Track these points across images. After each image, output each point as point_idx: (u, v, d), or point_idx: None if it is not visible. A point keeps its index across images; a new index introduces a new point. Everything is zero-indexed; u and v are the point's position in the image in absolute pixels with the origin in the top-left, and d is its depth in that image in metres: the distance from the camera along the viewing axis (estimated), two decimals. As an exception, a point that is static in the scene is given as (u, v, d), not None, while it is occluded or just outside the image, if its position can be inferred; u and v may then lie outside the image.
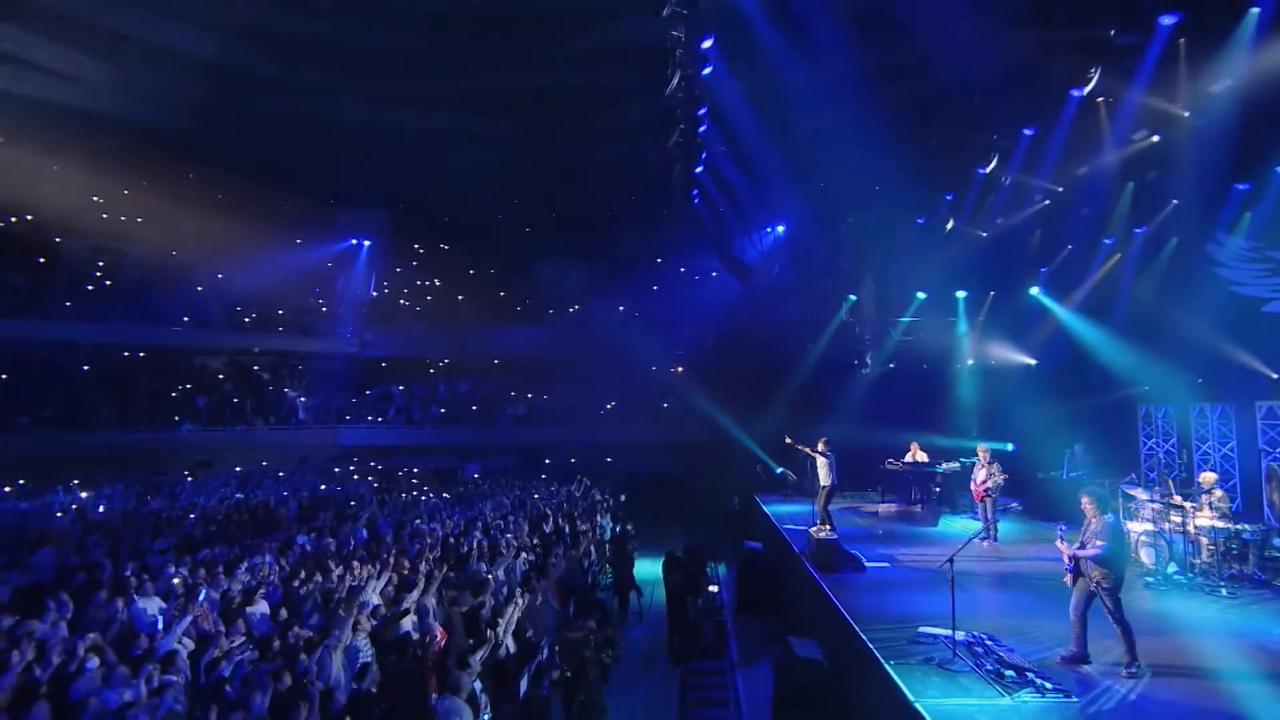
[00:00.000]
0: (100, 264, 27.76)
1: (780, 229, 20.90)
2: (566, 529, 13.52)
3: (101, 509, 15.81)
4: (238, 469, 23.35)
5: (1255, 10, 7.39)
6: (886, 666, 5.61)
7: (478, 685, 6.09)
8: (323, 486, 20.83)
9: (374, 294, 33.05)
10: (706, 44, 8.83)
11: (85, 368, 25.06)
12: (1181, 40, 8.13)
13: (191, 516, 14.63)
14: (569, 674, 6.78)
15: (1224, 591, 7.66)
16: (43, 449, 21.10)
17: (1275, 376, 11.62)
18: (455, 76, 25.13)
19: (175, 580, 8.88)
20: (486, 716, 6.15)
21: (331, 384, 28.61)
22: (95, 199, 26.62)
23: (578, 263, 33.92)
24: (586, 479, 20.34)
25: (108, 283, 27.09)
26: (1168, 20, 7.85)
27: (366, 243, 32.51)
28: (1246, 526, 8.33)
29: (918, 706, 4.93)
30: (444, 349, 31.24)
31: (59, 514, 14.89)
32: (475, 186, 29.53)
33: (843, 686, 6.28)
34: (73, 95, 22.88)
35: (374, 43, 24.02)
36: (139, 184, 26.82)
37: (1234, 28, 7.74)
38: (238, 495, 17.02)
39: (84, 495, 17.29)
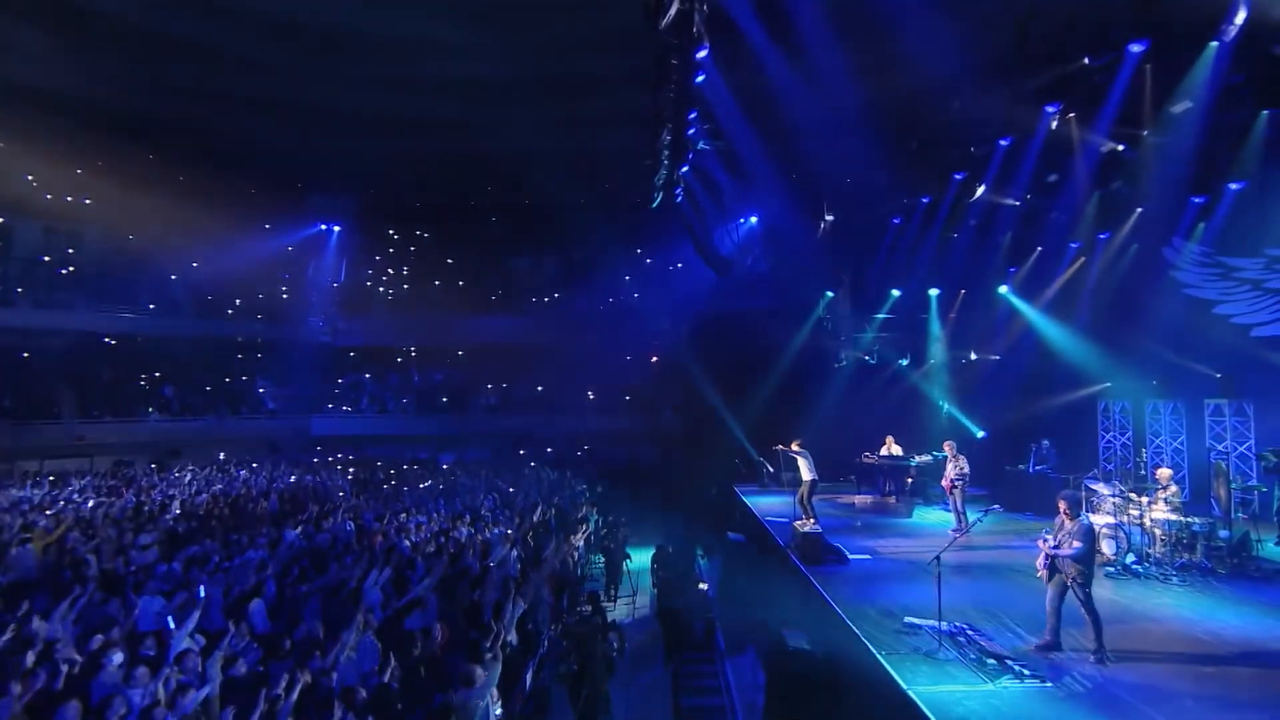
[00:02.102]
0: (56, 248, 26.81)
1: (754, 220, 21.20)
2: (554, 521, 13.77)
3: (72, 502, 15.49)
4: (221, 455, 23.05)
5: (1214, 44, 7.99)
6: (879, 656, 6.03)
7: (489, 678, 6.33)
8: (293, 477, 20.67)
9: (345, 281, 32.56)
10: (702, 54, 9.05)
11: (44, 355, 24.30)
12: (1148, 66, 8.73)
13: (169, 513, 14.45)
14: (575, 667, 7.07)
15: (1175, 580, 8.29)
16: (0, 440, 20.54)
17: (1218, 376, 12.45)
18: (430, 60, 24.77)
19: (174, 578, 8.91)
20: (499, 709, 6.41)
21: (303, 373, 28.22)
22: (47, 179, 25.66)
23: (553, 252, 33.89)
24: (566, 470, 20.59)
25: (65, 268, 26.19)
26: (1136, 48, 8.41)
27: (337, 228, 31.94)
28: (1196, 519, 8.99)
29: (911, 694, 5.36)
30: (417, 337, 31.04)
31: (30, 509, 14.54)
32: (449, 173, 29.21)
33: (835, 676, 6.70)
34: (20, 70, 21.94)
35: (346, 22, 23.50)
36: (94, 165, 25.92)
37: (1196, 57, 8.36)
38: (216, 488, 16.82)
39: (54, 489, 16.88)
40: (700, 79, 9.77)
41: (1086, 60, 8.76)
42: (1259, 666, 5.95)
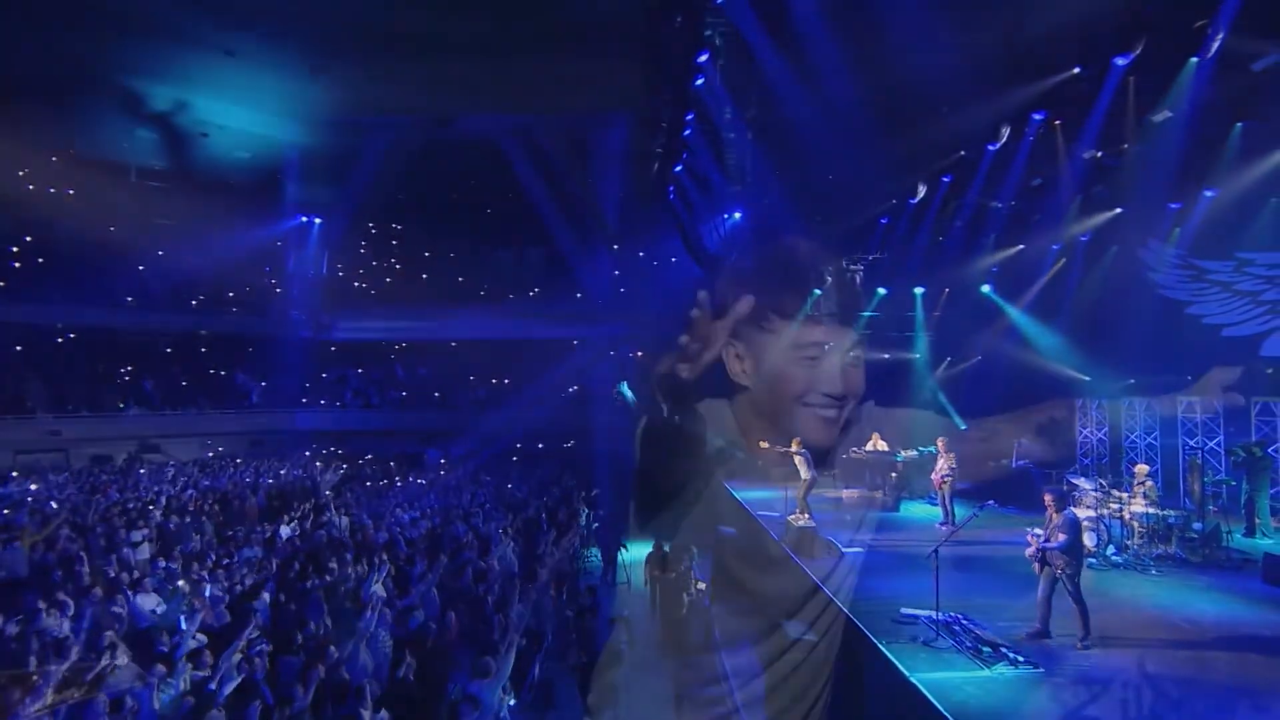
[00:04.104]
0: (28, 239, 26.17)
1: (737, 215, 21.33)
2: (545, 518, 13.90)
3: (57, 498, 15.31)
4: (210, 452, 22.76)
5: (1194, 60, 8.39)
6: (880, 646, 6.30)
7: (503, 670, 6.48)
8: (282, 472, 20.54)
9: (328, 274, 32.19)
10: (702, 59, 9.19)
11: (16, 348, 23.78)
12: (1131, 78, 9.11)
13: (155, 507, 14.31)
14: (585, 659, 7.24)
15: (1153, 570, 8.70)
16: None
17: (1190, 379, 12.97)
18: (418, 54, 24.56)
19: (173, 576, 8.90)
20: (512, 700, 6.57)
21: (286, 367, 27.92)
22: (19, 167, 25.04)
23: (537, 246, 33.82)
24: (554, 465, 20.68)
25: (38, 259, 25.59)
26: (1121, 61, 8.77)
27: (318, 221, 31.55)
28: (1172, 512, 9.44)
29: (914, 680, 5.62)
30: (402, 331, 30.84)
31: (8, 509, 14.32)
32: (432, 165, 29.01)
33: (835, 665, 6.96)
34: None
35: (333, 14, 23.19)
36: (66, 153, 25.37)
37: (1177, 71, 8.75)
38: (204, 483, 16.68)
39: (33, 486, 16.60)
40: (699, 82, 9.92)
41: (1077, 70, 9.12)
42: (1231, 650, 6.32)
